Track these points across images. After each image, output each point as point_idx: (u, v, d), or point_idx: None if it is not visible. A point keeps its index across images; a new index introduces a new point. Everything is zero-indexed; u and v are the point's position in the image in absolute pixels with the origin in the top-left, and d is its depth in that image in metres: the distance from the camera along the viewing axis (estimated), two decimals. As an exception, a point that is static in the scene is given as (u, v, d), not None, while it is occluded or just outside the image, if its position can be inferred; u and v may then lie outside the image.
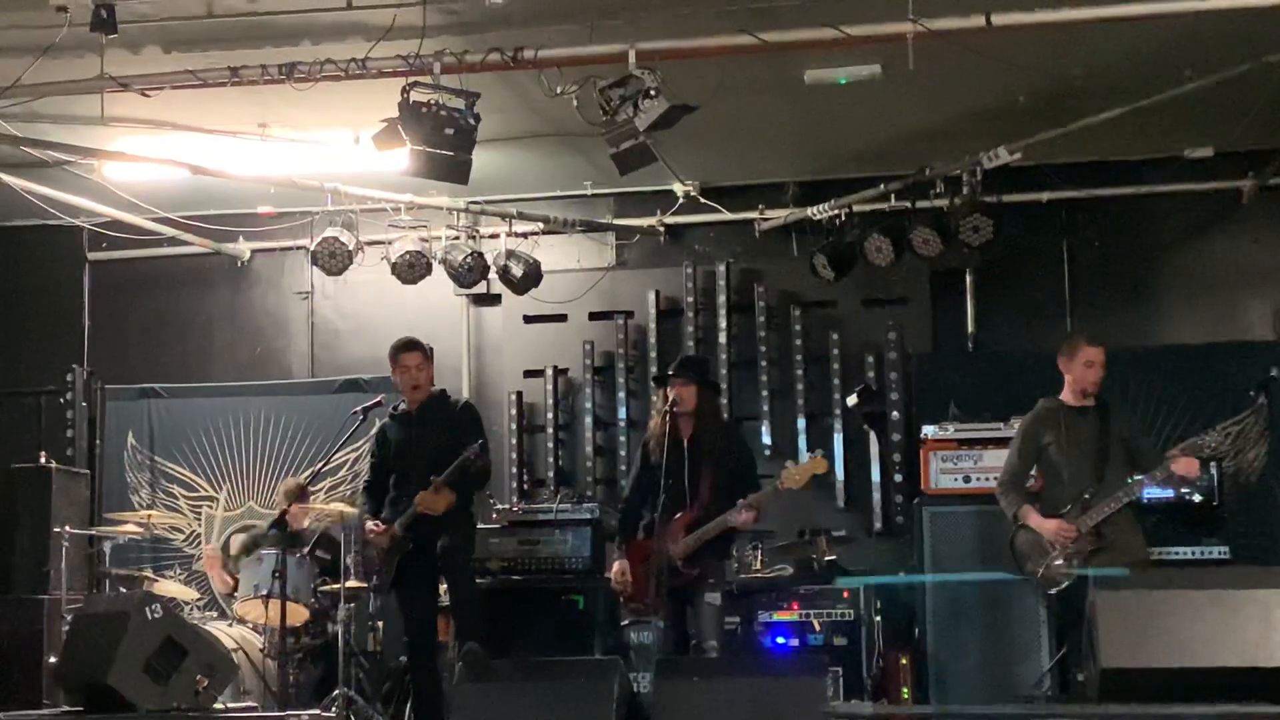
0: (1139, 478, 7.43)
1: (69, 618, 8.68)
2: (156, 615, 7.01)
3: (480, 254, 10.08)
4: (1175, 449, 7.45)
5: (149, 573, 9.66)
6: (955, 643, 8.69)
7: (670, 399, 8.03)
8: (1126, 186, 10.04)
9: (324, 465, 9.15)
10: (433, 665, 8.21)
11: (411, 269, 10.02)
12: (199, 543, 10.74)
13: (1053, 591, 7.70)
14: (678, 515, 7.91)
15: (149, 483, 10.85)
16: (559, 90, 7.46)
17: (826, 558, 9.20)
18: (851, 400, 9.89)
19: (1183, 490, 8.51)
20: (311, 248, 9.99)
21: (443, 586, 8.35)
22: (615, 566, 8.15)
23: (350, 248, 9.88)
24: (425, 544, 8.10)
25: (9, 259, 11.28)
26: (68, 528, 9.36)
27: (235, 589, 9.32)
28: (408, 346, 8.46)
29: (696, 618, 7.88)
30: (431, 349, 8.66)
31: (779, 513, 9.77)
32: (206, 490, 10.84)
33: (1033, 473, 7.86)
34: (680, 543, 7.85)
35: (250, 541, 9.61)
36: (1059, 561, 7.49)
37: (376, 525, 8.27)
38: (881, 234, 9.56)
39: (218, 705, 7.10)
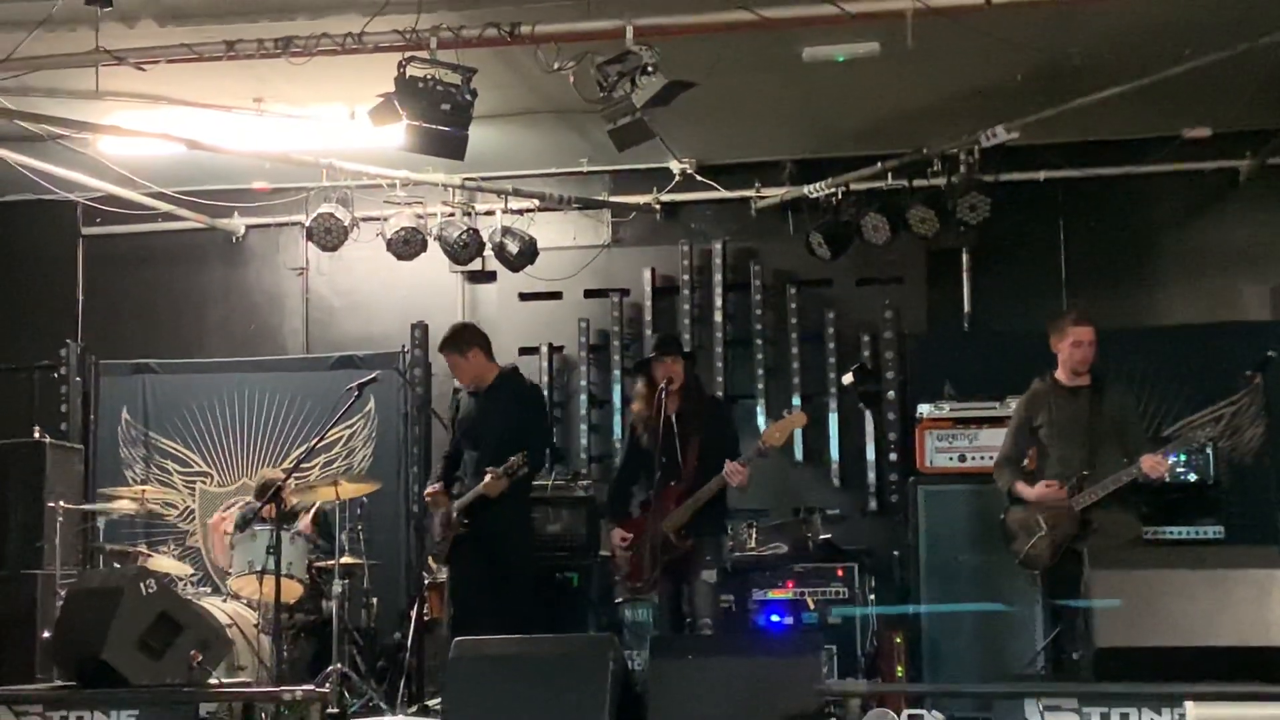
0: (1122, 472, 7.44)
1: (63, 593, 8.67)
2: (151, 591, 7.01)
3: (476, 231, 10.06)
4: (1159, 452, 7.46)
5: (143, 548, 9.65)
6: (949, 621, 8.71)
7: (663, 378, 7.98)
8: (1124, 166, 10.01)
9: (318, 442, 9.11)
10: None
11: (407, 245, 10.00)
12: (193, 518, 10.73)
13: (1035, 572, 7.72)
14: (668, 488, 7.89)
15: (143, 458, 10.82)
16: (556, 66, 7.45)
17: (821, 536, 9.21)
18: (847, 379, 9.90)
19: (1178, 470, 8.54)
20: (307, 223, 9.96)
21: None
22: (614, 539, 8.12)
23: (345, 224, 9.85)
24: (480, 532, 8.12)
25: (2, 234, 11.23)
26: (62, 503, 9.35)
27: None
28: (441, 347, 8.50)
29: (691, 595, 7.86)
30: (483, 336, 8.55)
31: (774, 490, 9.81)
32: (200, 466, 10.82)
33: (1029, 453, 7.87)
34: (672, 514, 7.83)
35: (242, 518, 9.59)
36: (1045, 543, 7.51)
37: (433, 488, 8.34)
38: (878, 213, 9.55)
39: (212, 680, 7.10)
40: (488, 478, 7.93)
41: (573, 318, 10.70)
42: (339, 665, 8.17)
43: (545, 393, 10.46)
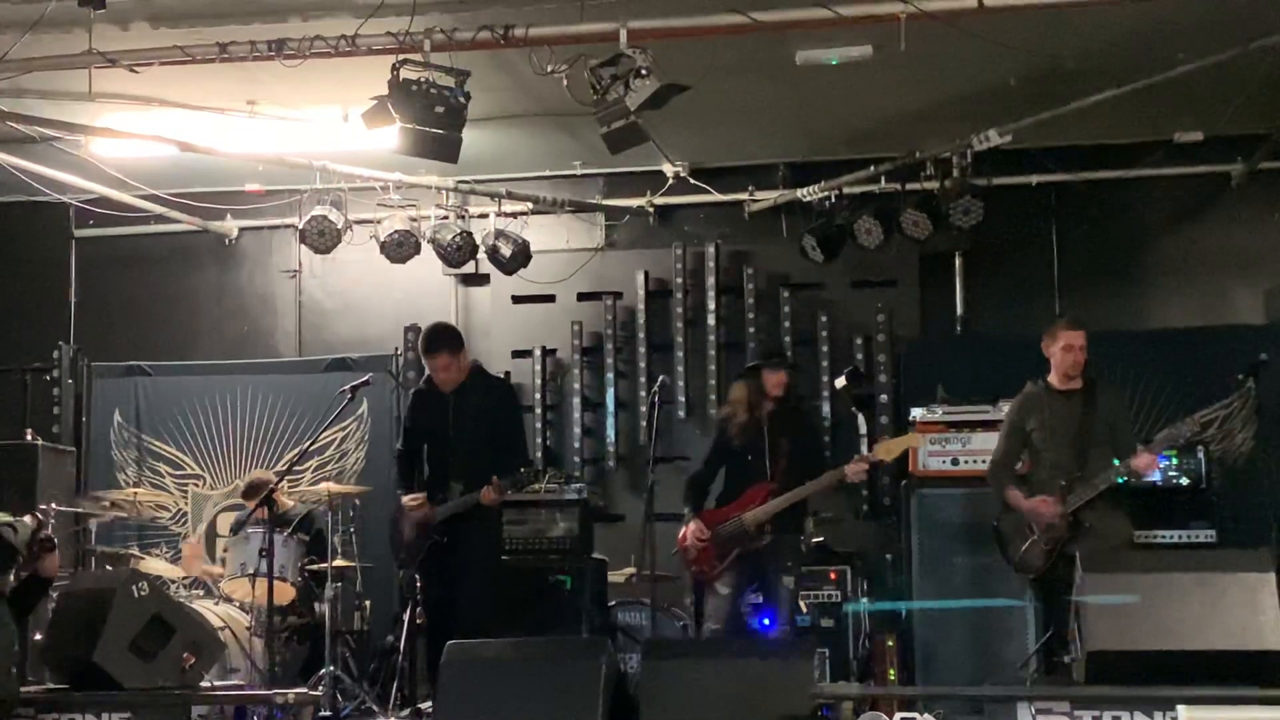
0: (1111, 469, 7.43)
1: (55, 595, 8.65)
2: (143, 593, 7.00)
3: (469, 233, 10.05)
4: (1145, 447, 7.46)
5: (135, 551, 9.64)
6: (941, 624, 8.71)
7: (774, 387, 8.20)
8: (1116, 170, 10.03)
9: (311, 445, 9.12)
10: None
11: (400, 248, 9.99)
12: (185, 521, 10.73)
13: (1030, 577, 7.72)
14: (757, 484, 8.10)
15: (135, 461, 10.82)
16: (549, 69, 7.44)
17: (814, 539, 9.20)
18: (840, 382, 9.88)
19: (1170, 473, 8.57)
20: (300, 226, 9.95)
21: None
22: (691, 526, 8.22)
23: (339, 226, 9.84)
24: (453, 533, 8.10)
25: (-5, 235, 11.25)
26: (54, 505, 9.33)
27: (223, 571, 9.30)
28: (432, 349, 8.22)
29: (770, 598, 8.13)
30: (460, 336, 8.46)
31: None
32: (193, 468, 10.82)
33: (1023, 456, 7.87)
34: (760, 509, 8.03)
35: (236, 522, 9.58)
36: (1039, 547, 7.51)
37: (414, 499, 8.16)
38: (871, 216, 9.56)
39: (204, 683, 7.09)
40: (489, 490, 7.93)
41: (566, 321, 10.70)
42: (331, 668, 8.17)
43: (539, 395, 10.55)
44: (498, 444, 8.12)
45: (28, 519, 7.00)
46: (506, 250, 10.03)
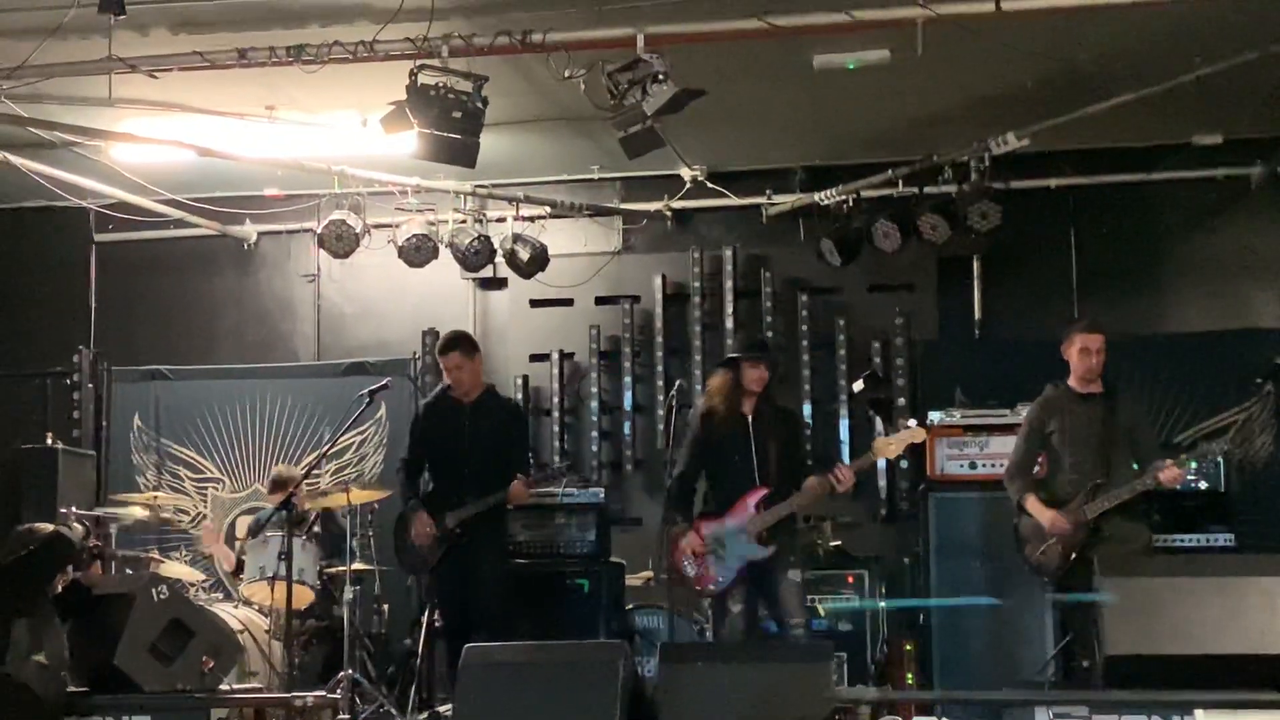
0: (1138, 481, 7.40)
1: (75, 598, 8.69)
2: (163, 596, 7.03)
3: (487, 237, 10.08)
4: (1169, 462, 7.40)
5: (155, 554, 9.67)
6: (960, 628, 8.70)
7: (751, 381, 7.81)
8: (1135, 173, 10.02)
9: (330, 448, 9.14)
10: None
11: (418, 252, 10.03)
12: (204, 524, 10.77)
13: (1047, 579, 7.71)
14: (748, 492, 7.74)
15: (155, 464, 10.85)
16: (567, 74, 7.47)
17: (832, 543, 9.20)
18: (858, 386, 9.89)
19: (1189, 478, 8.53)
20: (318, 230, 9.99)
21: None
22: (684, 542, 7.82)
23: (357, 231, 9.88)
24: (471, 537, 8.15)
25: (16, 240, 11.28)
26: (74, 509, 9.37)
27: (239, 568, 9.31)
28: (445, 347, 8.39)
29: (778, 598, 7.71)
30: (475, 343, 8.57)
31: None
32: (212, 472, 10.85)
33: (1039, 459, 7.86)
34: (759, 517, 7.70)
35: (255, 524, 9.60)
36: (1056, 550, 7.50)
37: (428, 526, 8.18)
38: (889, 220, 9.55)
39: (223, 686, 7.11)
40: (518, 486, 8.02)
41: (584, 324, 10.71)
42: (350, 671, 8.16)
43: (557, 399, 10.59)
44: (508, 462, 8.22)
45: (76, 525, 7.07)
46: (524, 254, 10.06)
